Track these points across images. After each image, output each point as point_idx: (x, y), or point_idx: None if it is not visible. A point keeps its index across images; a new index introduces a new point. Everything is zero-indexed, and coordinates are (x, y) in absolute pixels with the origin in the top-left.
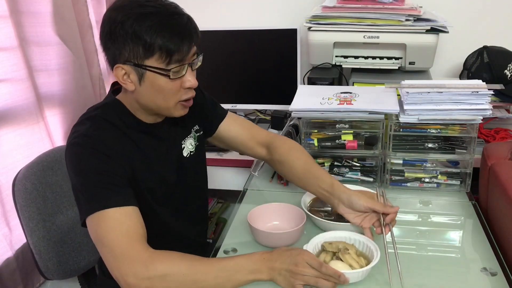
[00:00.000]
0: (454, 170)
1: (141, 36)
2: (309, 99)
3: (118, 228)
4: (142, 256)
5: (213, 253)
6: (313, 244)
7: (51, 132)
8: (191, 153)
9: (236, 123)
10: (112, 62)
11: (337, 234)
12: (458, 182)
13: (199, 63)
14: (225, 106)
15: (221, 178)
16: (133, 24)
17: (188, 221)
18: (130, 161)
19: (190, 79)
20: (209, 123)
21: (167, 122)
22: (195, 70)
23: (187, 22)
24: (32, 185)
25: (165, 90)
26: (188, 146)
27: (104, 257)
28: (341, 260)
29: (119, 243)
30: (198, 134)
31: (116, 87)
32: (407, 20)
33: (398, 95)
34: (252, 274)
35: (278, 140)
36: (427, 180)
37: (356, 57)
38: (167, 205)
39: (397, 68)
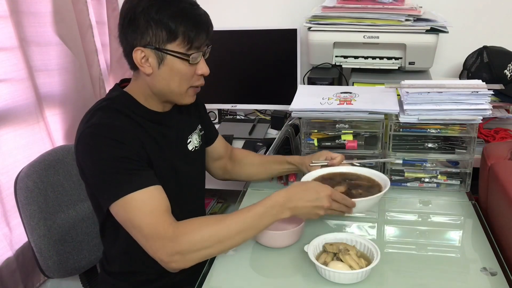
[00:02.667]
0: (454, 170)
1: (166, 21)
2: (309, 99)
3: (143, 209)
4: (168, 232)
5: None
6: (314, 245)
7: (51, 132)
8: (196, 148)
9: (224, 142)
10: (130, 46)
11: (338, 235)
12: (458, 182)
13: (208, 54)
14: (225, 106)
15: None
16: (158, 10)
17: (189, 215)
18: (144, 147)
19: (203, 66)
20: (208, 135)
21: (175, 112)
22: None
23: (204, 13)
24: (34, 183)
25: (182, 74)
26: (194, 141)
27: (136, 238)
28: (342, 260)
29: (147, 223)
30: (201, 133)
31: (124, 85)
32: (407, 20)
33: (398, 95)
34: (275, 217)
35: (234, 150)
36: (427, 180)
37: (356, 57)
38: (175, 195)
39: (397, 68)
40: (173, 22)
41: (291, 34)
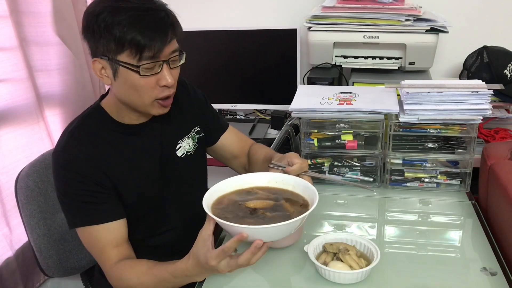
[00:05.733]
0: (454, 170)
1: (113, 30)
2: (309, 99)
3: (97, 244)
4: (108, 271)
5: None
6: (314, 245)
7: (51, 132)
8: (188, 154)
9: (237, 137)
10: (92, 55)
11: (338, 235)
12: (458, 182)
13: (182, 61)
14: (225, 106)
15: (220, 178)
16: (106, 18)
17: (183, 224)
18: (110, 171)
19: (167, 77)
20: (210, 133)
21: (159, 120)
22: (178, 68)
23: (163, 17)
24: (34, 183)
25: (138, 87)
26: (185, 146)
27: None
28: (342, 260)
29: (97, 258)
30: (199, 135)
31: None
32: (407, 20)
33: (398, 95)
34: (179, 284)
35: (251, 147)
36: (427, 180)
37: (356, 57)
38: (157, 207)
39: (397, 68)
40: (120, 31)
41: (291, 34)
